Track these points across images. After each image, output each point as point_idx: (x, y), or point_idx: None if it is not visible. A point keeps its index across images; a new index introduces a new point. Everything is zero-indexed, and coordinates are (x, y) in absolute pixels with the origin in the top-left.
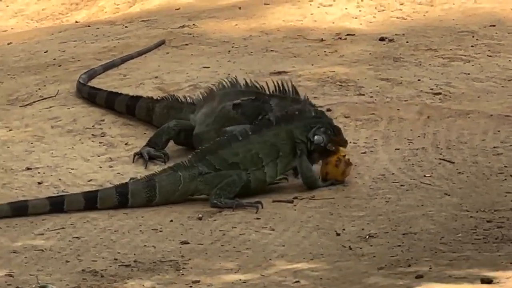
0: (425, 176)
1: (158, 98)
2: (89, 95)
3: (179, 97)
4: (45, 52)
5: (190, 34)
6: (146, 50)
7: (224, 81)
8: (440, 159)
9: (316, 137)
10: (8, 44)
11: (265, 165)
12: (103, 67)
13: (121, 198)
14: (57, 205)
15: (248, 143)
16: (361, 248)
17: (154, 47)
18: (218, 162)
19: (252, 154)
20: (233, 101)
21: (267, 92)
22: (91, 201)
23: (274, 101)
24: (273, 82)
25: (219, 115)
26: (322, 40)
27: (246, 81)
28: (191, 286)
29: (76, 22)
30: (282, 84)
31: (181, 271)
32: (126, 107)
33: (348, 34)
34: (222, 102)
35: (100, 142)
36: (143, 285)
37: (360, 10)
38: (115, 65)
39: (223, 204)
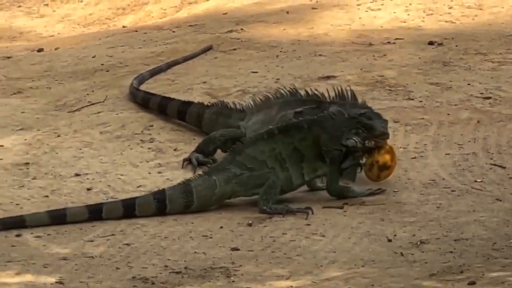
0: (476, 181)
1: (208, 104)
2: (143, 100)
3: (228, 103)
4: (92, 57)
5: (238, 38)
6: (193, 56)
7: (283, 89)
8: (491, 164)
9: (348, 141)
10: (56, 49)
11: (289, 167)
12: (150, 72)
13: (159, 204)
14: (96, 213)
15: (273, 142)
16: (412, 254)
17: (201, 52)
18: (248, 161)
19: (276, 154)
20: (295, 109)
21: (328, 99)
22: (129, 209)
23: (334, 108)
24: (333, 88)
25: (280, 123)
26: (370, 44)
27: (306, 91)
28: None
29: (123, 27)
30: (341, 90)
31: (231, 278)
32: (178, 112)
33: (396, 38)
34: (282, 110)
35: (149, 148)
36: None
37: (408, 14)
38: (162, 70)
39: (273, 210)
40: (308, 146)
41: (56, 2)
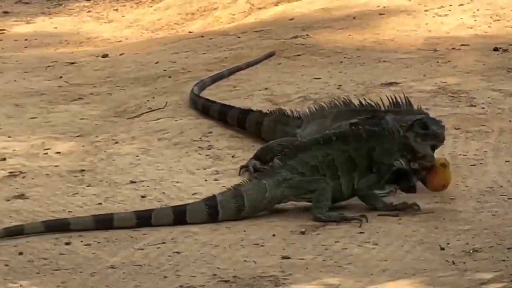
0: None
1: (267, 111)
2: (203, 107)
3: (286, 111)
4: (155, 63)
5: (303, 44)
6: (255, 62)
7: (337, 100)
8: None
9: (395, 162)
10: (120, 55)
11: (340, 175)
12: (211, 78)
13: (211, 210)
14: (145, 219)
15: (329, 148)
16: (464, 263)
17: (264, 58)
18: (300, 166)
19: (329, 160)
20: (350, 120)
21: (382, 108)
22: (180, 215)
23: (390, 116)
24: (387, 97)
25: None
26: (435, 50)
27: (360, 101)
28: None
29: (190, 32)
30: (395, 98)
31: (280, 286)
32: (237, 120)
33: (462, 44)
34: (336, 121)
35: (206, 155)
36: None
37: (475, 20)
38: (223, 76)
39: (327, 218)
40: (362, 156)
41: (125, 7)
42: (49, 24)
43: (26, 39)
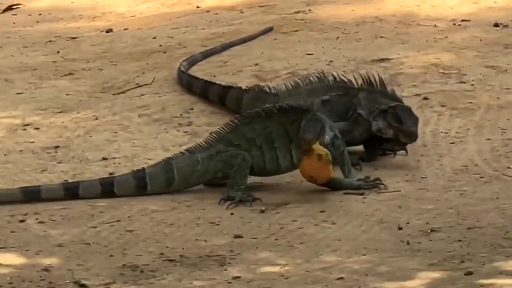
0: (509, 167)
1: (246, 88)
2: (187, 83)
3: (264, 87)
4: (153, 38)
5: (303, 20)
6: (251, 37)
7: (311, 76)
8: None
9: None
10: (125, 29)
11: (277, 147)
12: (202, 54)
13: (139, 182)
14: (72, 190)
15: (269, 120)
16: (419, 243)
17: (260, 34)
18: (237, 138)
19: (267, 133)
20: (322, 98)
21: (356, 85)
22: (107, 187)
23: (363, 95)
24: (360, 75)
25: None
26: (435, 26)
27: (334, 76)
28: (230, 282)
29: (197, 7)
30: (369, 77)
31: (225, 266)
32: (218, 97)
33: (463, 20)
34: (310, 97)
35: (185, 132)
36: (180, 281)
37: None
38: (216, 52)
39: (233, 196)
40: (297, 130)
41: None
42: None
43: (40, 14)
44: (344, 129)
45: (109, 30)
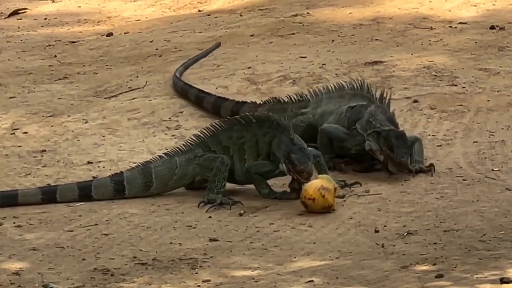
0: (492, 170)
1: (261, 102)
2: (196, 98)
3: (281, 98)
4: (150, 42)
5: (300, 23)
6: (203, 55)
7: (355, 81)
8: None
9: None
10: (125, 33)
11: (247, 159)
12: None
13: (117, 186)
14: (50, 194)
15: (245, 130)
16: (394, 246)
17: (210, 51)
18: (214, 144)
19: (241, 143)
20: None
21: (373, 98)
22: (85, 190)
23: (371, 108)
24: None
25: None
26: (431, 28)
27: (367, 85)
28: (199, 286)
29: (199, 11)
30: (382, 93)
31: (196, 269)
32: (212, 107)
33: (460, 23)
34: (352, 102)
35: (172, 135)
36: (150, 284)
37: None
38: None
39: (211, 200)
40: (265, 143)
41: None
42: (74, 2)
43: (45, 18)
44: (342, 137)
45: (109, 34)
